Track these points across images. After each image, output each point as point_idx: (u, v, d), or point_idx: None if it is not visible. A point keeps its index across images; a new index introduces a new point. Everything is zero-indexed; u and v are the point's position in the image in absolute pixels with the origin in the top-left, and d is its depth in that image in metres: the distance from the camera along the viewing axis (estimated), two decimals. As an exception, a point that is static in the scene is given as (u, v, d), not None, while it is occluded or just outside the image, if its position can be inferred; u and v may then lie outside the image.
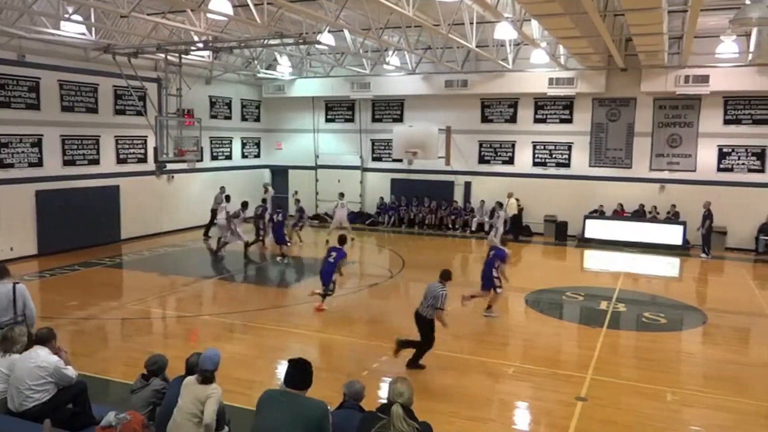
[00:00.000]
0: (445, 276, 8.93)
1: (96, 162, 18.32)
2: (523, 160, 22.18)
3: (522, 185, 21.65)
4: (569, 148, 21.54)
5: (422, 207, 23.08)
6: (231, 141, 24.19)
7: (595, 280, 16.10)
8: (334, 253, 11.96)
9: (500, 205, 20.20)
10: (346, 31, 16.88)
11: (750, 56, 17.59)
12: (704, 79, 18.73)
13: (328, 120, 25.24)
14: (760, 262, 18.09)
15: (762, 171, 19.30)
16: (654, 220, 19.88)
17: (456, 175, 23.02)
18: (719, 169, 19.78)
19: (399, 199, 23.70)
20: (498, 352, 10.03)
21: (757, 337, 11.78)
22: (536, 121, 21.93)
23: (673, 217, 19.72)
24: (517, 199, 21.39)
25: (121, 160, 19.13)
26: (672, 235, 19.33)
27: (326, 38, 16.27)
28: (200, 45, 16.41)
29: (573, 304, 13.27)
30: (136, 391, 5.80)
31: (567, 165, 21.63)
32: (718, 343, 10.89)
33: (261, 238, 17.98)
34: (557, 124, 21.65)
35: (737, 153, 19.57)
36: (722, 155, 19.75)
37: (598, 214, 20.67)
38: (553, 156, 21.81)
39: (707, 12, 14.05)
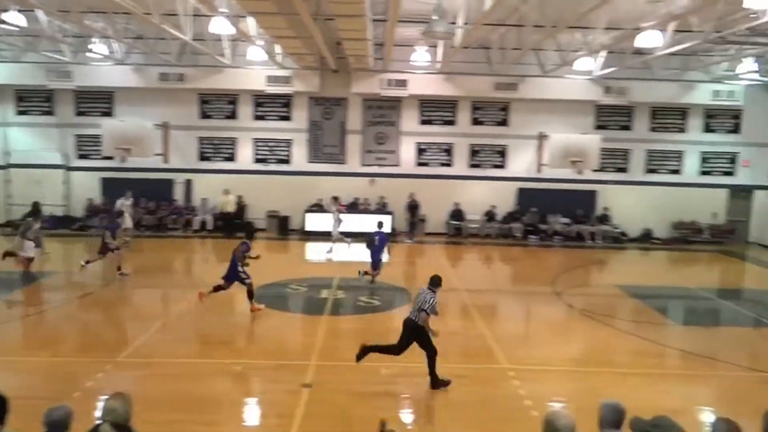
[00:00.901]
0: (435, 282, 8.66)
1: None
2: (245, 156, 22.21)
3: (244, 182, 21.69)
4: (289, 144, 22.22)
5: (138, 208, 21.58)
6: None
7: (317, 270, 16.93)
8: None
9: (335, 199, 19.78)
10: (39, 12, 14.87)
11: (438, 65, 20.19)
12: (403, 84, 20.99)
13: (20, 112, 21.99)
14: (451, 244, 20.97)
15: (450, 165, 22.39)
16: (366, 211, 21.63)
17: (176, 172, 22.04)
18: (418, 164, 22.40)
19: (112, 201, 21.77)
20: (225, 352, 9.92)
21: (450, 308, 13.62)
22: (256, 118, 22.13)
23: (382, 208, 21.70)
24: (239, 196, 21.37)
25: None
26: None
27: (13, 17, 14.12)
28: None
29: (297, 296, 13.77)
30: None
31: (287, 161, 22.29)
32: (422, 317, 12.32)
33: None
34: (277, 121, 22.15)
35: (431, 149, 22.37)
36: (420, 151, 22.39)
37: (318, 207, 21.74)
38: (274, 152, 22.28)
39: (404, 23, 15.67)
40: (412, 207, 21.43)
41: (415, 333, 8.43)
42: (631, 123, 22.35)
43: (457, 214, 21.97)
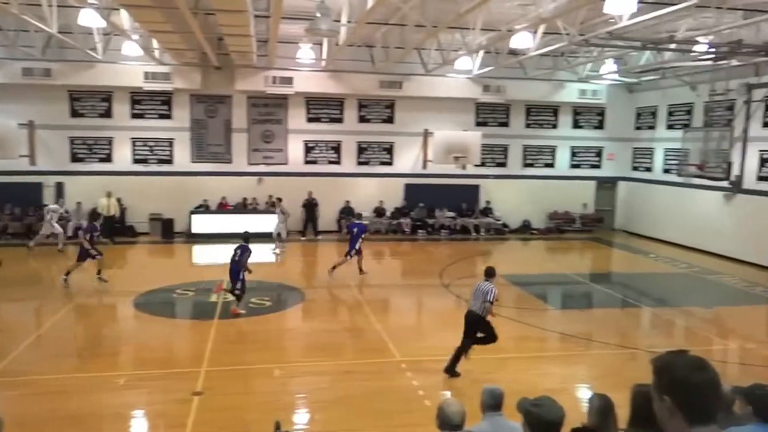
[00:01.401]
0: (490, 273, 9.16)
1: None
2: (123, 157, 21.03)
3: (123, 183, 20.52)
4: (170, 144, 21.30)
5: (3, 214, 19.83)
6: None
7: (205, 273, 16.37)
8: (239, 251, 12.06)
9: (279, 200, 19.70)
10: None
11: (323, 62, 20.18)
12: (289, 81, 20.77)
13: None
14: (343, 241, 21.01)
15: (338, 162, 22.47)
16: (255, 210, 21.22)
17: (45, 175, 20.41)
18: (306, 162, 22.27)
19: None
20: (107, 364, 9.37)
21: (344, 305, 13.73)
22: (134, 116, 21.00)
23: (271, 207, 21.35)
24: (119, 199, 20.25)
25: None
26: (271, 223, 20.91)
27: None
28: None
29: (184, 301, 13.27)
30: None
31: (169, 161, 21.36)
32: (315, 316, 12.34)
33: None
34: (157, 119, 21.15)
35: (319, 147, 22.33)
36: (308, 149, 22.27)
37: (204, 208, 21.05)
38: (155, 152, 21.27)
39: (287, 20, 15.51)
40: (311, 205, 21.35)
41: (478, 323, 8.98)
42: (509, 120, 23.53)
43: (347, 212, 22.09)
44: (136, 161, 21.14)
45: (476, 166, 22.31)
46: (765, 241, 17.27)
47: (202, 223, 20.62)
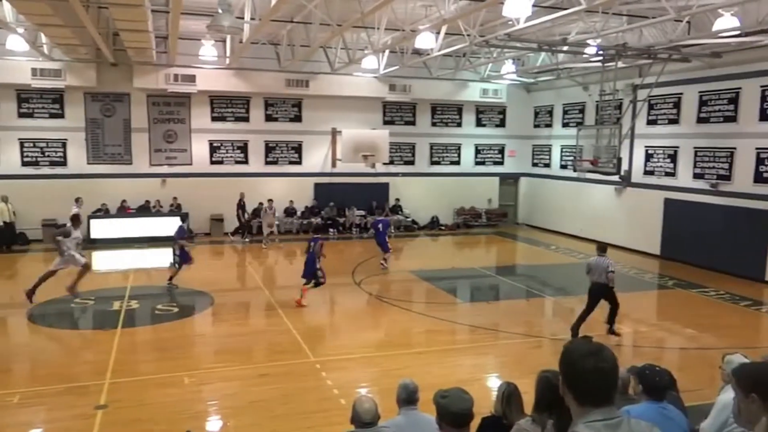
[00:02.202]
0: (603, 248, 10.82)
1: None
2: (9, 159, 19.56)
3: (12, 188, 19.11)
4: (64, 144, 20.07)
5: None
6: None
7: (106, 281, 15.58)
8: (312, 243, 12.77)
9: (270, 201, 20.19)
10: None
11: (227, 60, 19.71)
12: (191, 79, 20.12)
13: None
14: (253, 242, 20.65)
15: (246, 162, 22.01)
16: (158, 213, 20.41)
17: None
18: (212, 162, 21.67)
19: None
20: (-2, 382, 8.73)
21: (255, 307, 13.49)
22: (22, 115, 19.60)
23: (176, 209, 20.63)
24: (10, 204, 18.85)
25: None
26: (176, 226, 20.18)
27: None
28: None
29: (84, 311, 12.56)
30: None
31: (63, 163, 20.12)
32: (225, 320, 12.03)
33: None
34: (47, 119, 19.85)
35: (225, 147, 21.78)
36: (213, 149, 21.67)
37: (103, 212, 20.01)
38: (46, 154, 19.96)
39: (188, 16, 15.05)
40: (241, 207, 20.81)
41: (605, 292, 10.38)
42: (415, 118, 23.95)
43: (258, 212, 21.69)
44: (26, 164, 19.77)
45: (385, 164, 22.59)
46: (652, 231, 18.59)
47: (101, 228, 19.61)
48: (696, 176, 17.30)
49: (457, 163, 24.73)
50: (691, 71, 17.01)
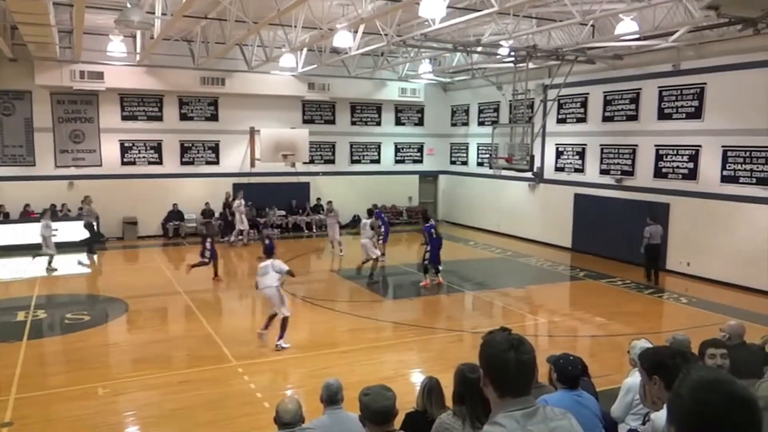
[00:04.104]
0: (654, 217, 13.96)
1: None
2: None
3: None
4: (-44, 145, 18.68)
5: None
6: None
7: (8, 291, 14.63)
8: (432, 231, 14.32)
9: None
10: None
11: (138, 57, 18.94)
12: (99, 76, 19.20)
13: None
14: (169, 246, 20.02)
15: (160, 163, 21.25)
16: (66, 218, 19.35)
17: None
18: (123, 163, 20.77)
19: None
20: None
21: (173, 313, 13.07)
22: None
23: (85, 214, 19.60)
24: None
25: None
26: (83, 231, 19.18)
27: None
28: None
29: (-16, 323, 11.75)
30: None
31: (-44, 165, 18.74)
32: (141, 327, 11.59)
33: None
34: (-64, 118, 18.43)
35: (137, 147, 20.94)
36: (124, 149, 20.78)
37: (2, 217, 18.76)
38: (-64, 156, 18.52)
39: (94, 10, 14.36)
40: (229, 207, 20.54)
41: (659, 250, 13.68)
42: (335, 117, 23.92)
43: (176, 215, 21.03)
44: None
45: (305, 163, 22.42)
46: (564, 225, 19.45)
47: (1, 234, 18.36)
48: (603, 172, 18.24)
49: (378, 161, 24.90)
50: (596, 72, 17.91)
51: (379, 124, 24.74)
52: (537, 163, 18.73)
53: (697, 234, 15.36)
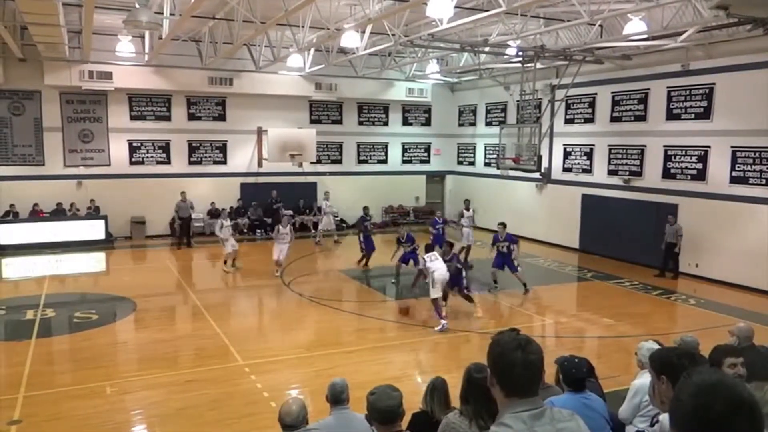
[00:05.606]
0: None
1: None
2: None
3: None
4: (-34, 145, 18.81)
5: None
6: None
7: (17, 289, 14.74)
8: (507, 243, 14.63)
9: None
10: None
11: (146, 57, 19.02)
12: (108, 76, 19.29)
13: None
14: (176, 246, 20.05)
15: (168, 163, 21.32)
16: (75, 217, 19.46)
17: None
18: (132, 163, 20.85)
19: None
20: None
21: (181, 312, 13.11)
22: None
23: (94, 212, 19.75)
24: None
25: None
26: (94, 230, 19.35)
27: None
28: None
29: (-6, 321, 11.84)
30: None
31: (-34, 165, 18.86)
32: (148, 326, 11.62)
33: None
34: (-53, 117, 18.57)
35: (146, 147, 21.02)
36: (133, 149, 20.86)
37: (12, 216, 18.88)
38: (-53, 155, 18.64)
39: (103, 10, 14.43)
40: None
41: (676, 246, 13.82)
42: (342, 117, 23.93)
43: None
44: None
45: (312, 163, 22.44)
46: (571, 225, 19.38)
47: (11, 234, 18.47)
48: (610, 173, 18.17)
49: (385, 161, 24.90)
50: (604, 72, 17.83)
51: (386, 124, 24.74)
52: (544, 164, 18.64)
53: (706, 235, 15.27)
